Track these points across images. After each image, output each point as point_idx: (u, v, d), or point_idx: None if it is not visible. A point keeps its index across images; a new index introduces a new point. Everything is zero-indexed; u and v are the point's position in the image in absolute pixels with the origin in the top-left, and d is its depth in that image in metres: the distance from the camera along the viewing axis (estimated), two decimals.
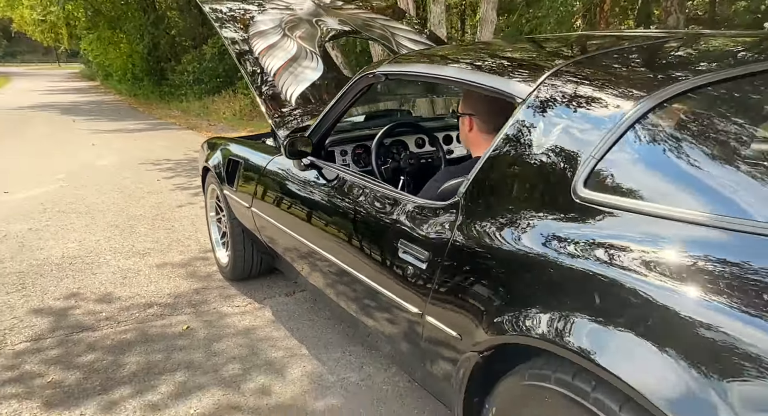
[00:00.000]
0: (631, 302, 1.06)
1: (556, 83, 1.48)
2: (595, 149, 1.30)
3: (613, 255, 1.16)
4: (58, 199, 5.48)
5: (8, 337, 2.79)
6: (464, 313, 1.44)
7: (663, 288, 1.03)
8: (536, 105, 1.47)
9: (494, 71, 1.70)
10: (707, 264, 1.02)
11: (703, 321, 0.96)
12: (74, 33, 24.79)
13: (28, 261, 3.80)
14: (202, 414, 2.19)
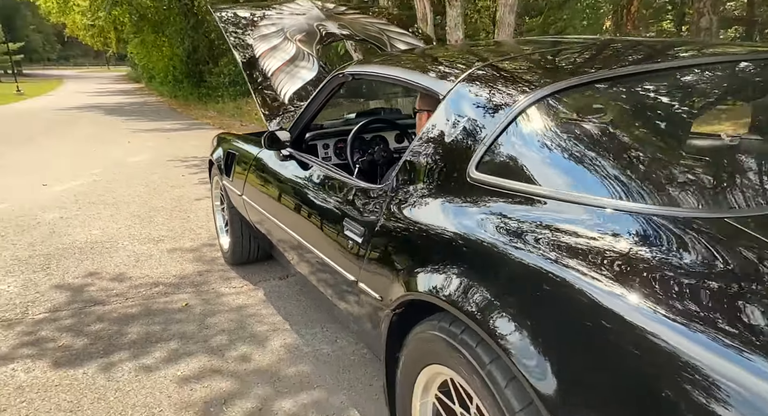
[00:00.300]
0: (504, 266, 1.26)
1: (468, 83, 1.69)
2: (486, 138, 1.51)
3: (494, 227, 1.36)
4: (90, 192, 5.90)
5: (30, 309, 3.14)
6: (384, 278, 1.67)
7: (531, 254, 1.22)
8: (451, 101, 1.70)
9: (427, 72, 1.92)
10: (568, 235, 1.21)
11: (557, 279, 1.13)
12: (121, 37, 25.82)
13: (55, 245, 4.18)
14: (188, 375, 2.47)
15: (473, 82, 1.69)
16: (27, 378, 2.48)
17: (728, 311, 0.93)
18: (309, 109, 2.58)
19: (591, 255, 1.13)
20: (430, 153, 1.69)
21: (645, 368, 0.92)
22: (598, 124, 1.44)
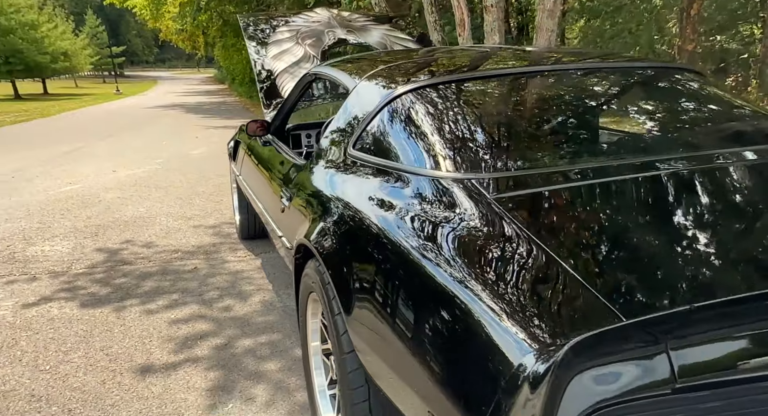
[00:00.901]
0: (351, 222, 1.69)
1: (366, 81, 2.14)
2: (361, 123, 1.95)
3: (354, 192, 1.80)
4: (148, 178, 6.72)
5: (74, 265, 3.83)
6: (292, 232, 2.13)
7: (369, 212, 1.62)
8: (353, 95, 2.15)
9: (349, 73, 2.37)
10: (399, 199, 1.60)
11: (380, 230, 1.51)
12: (208, 41, 27.57)
13: (107, 218, 4.93)
14: (179, 318, 3.04)
15: (369, 80, 2.13)
16: (58, 313, 3.13)
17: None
18: (287, 102, 3.09)
19: (407, 214, 1.51)
20: (331, 135, 2.15)
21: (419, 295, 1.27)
22: (438, 115, 1.85)
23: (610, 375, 0.96)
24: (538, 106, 2.01)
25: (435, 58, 2.42)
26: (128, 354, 2.69)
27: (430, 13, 8.93)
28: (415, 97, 1.90)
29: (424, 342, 1.22)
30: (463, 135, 1.75)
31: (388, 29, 4.69)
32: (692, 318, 1.00)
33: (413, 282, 1.32)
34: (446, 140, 1.72)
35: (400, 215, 1.52)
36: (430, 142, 1.72)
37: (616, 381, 0.96)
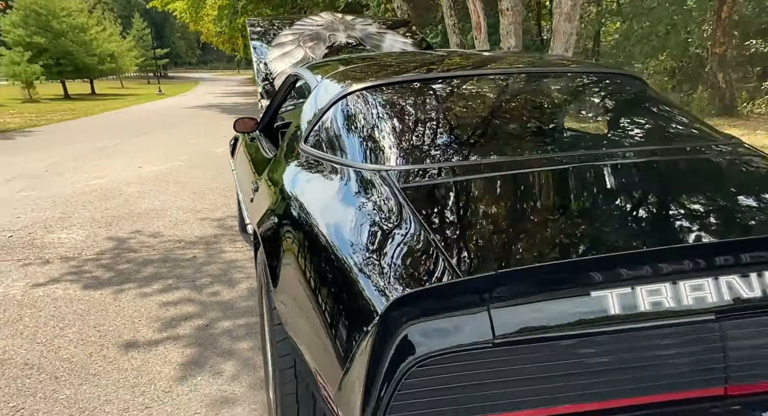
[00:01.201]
0: (289, 207, 1.87)
1: (326, 80, 2.31)
2: (312, 121, 2.13)
3: (300, 183, 1.98)
4: (170, 173, 7.05)
5: (84, 251, 4.12)
6: (256, 217, 2.32)
7: (308, 199, 1.79)
8: (312, 94, 2.32)
9: (314, 73, 2.55)
10: (332, 188, 1.77)
11: (309, 212, 1.71)
12: (247, 43, 28.23)
13: (123, 210, 5.24)
14: (169, 301, 3.27)
15: (329, 80, 2.30)
16: (62, 293, 3.40)
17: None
18: (274, 101, 3.29)
19: (330, 200, 1.69)
20: (292, 130, 2.33)
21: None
22: (371, 115, 2.01)
23: (436, 329, 1.12)
24: (464, 107, 2.15)
25: (393, 61, 2.58)
26: (117, 332, 2.92)
27: (449, 16, 9.06)
28: (355, 99, 2.07)
29: (312, 306, 1.41)
30: (388, 133, 1.91)
31: (389, 33, 4.85)
32: (512, 282, 1.15)
33: (318, 256, 1.50)
34: (373, 137, 1.89)
35: (323, 201, 1.71)
36: (361, 139, 1.90)
37: (442, 334, 1.11)
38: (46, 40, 31.40)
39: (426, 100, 2.14)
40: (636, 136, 2.07)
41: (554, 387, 1.17)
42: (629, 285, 1.19)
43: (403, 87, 2.15)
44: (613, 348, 1.18)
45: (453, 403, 1.14)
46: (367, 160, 1.78)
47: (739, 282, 1.22)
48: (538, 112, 2.16)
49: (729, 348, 1.21)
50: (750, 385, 1.23)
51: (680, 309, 1.19)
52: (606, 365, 1.18)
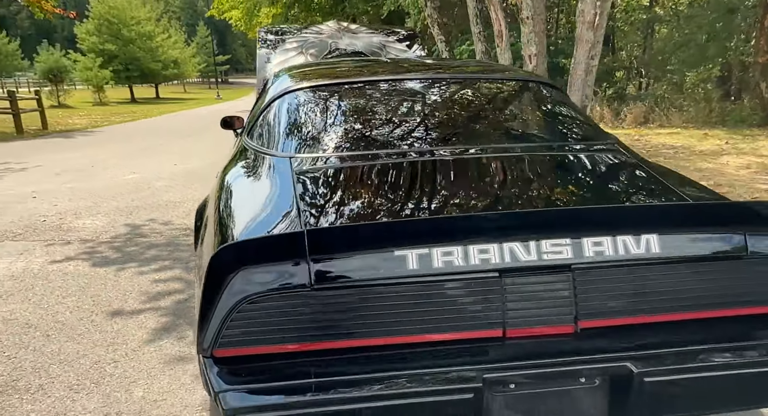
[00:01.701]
0: (225, 196, 2.20)
1: (277, 81, 2.64)
2: (254, 115, 2.46)
3: (236, 166, 2.31)
4: (199, 171, 7.57)
5: (101, 235, 4.61)
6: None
7: (228, 180, 2.16)
8: (266, 92, 2.65)
9: (275, 77, 2.88)
10: (250, 171, 2.13)
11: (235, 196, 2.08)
12: None
13: (146, 202, 5.74)
14: (160, 279, 3.67)
15: (278, 82, 2.63)
16: (73, 269, 3.86)
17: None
18: (257, 104, 3.64)
19: (241, 180, 2.04)
20: (245, 126, 2.67)
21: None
22: (292, 112, 2.33)
23: (265, 273, 1.41)
24: (368, 107, 2.43)
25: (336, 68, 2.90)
26: (109, 302, 3.33)
27: (474, 24, 9.26)
28: (286, 98, 2.41)
29: (198, 261, 1.75)
30: (301, 128, 2.23)
31: (391, 44, 5.13)
32: (328, 239, 1.44)
33: (210, 221, 1.85)
34: (289, 131, 2.22)
35: (238, 181, 2.06)
36: (280, 132, 2.23)
37: (269, 278, 1.41)
38: (117, 47, 33.35)
39: (340, 101, 2.44)
40: (517, 133, 2.31)
41: (362, 324, 1.45)
42: (427, 246, 1.46)
43: (323, 89, 2.45)
44: (412, 295, 1.46)
45: (277, 333, 1.43)
46: (278, 149, 2.11)
47: (519, 248, 1.47)
48: (437, 112, 2.41)
49: (507, 300, 1.48)
50: (523, 329, 1.49)
51: (468, 268, 1.45)
52: (405, 308, 1.46)
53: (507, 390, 1.49)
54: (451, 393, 1.43)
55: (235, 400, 1.38)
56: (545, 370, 1.48)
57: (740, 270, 1.59)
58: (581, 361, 1.50)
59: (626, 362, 1.49)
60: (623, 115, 13.79)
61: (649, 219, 1.59)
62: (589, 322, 1.54)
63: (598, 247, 1.52)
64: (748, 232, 1.58)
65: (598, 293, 1.54)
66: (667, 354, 1.53)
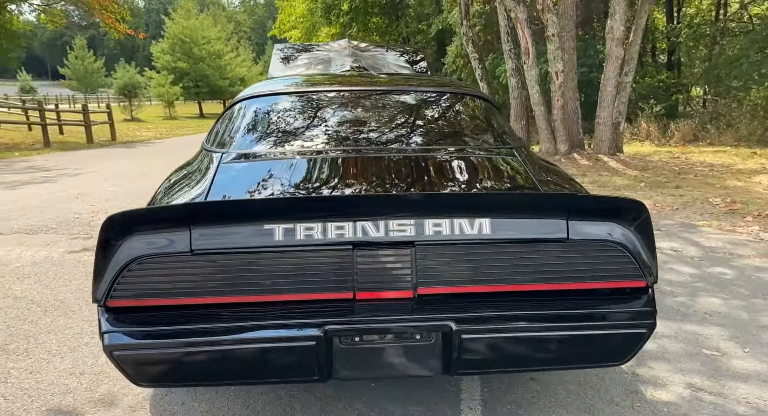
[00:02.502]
0: (169, 179, 2.55)
1: (246, 91, 2.97)
2: (218, 123, 2.79)
3: (191, 165, 2.64)
4: None
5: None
6: None
7: (182, 171, 2.50)
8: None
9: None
10: (193, 166, 2.46)
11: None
12: None
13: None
14: None
15: (247, 91, 2.96)
16: (87, 258, 4.32)
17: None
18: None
19: (182, 173, 2.38)
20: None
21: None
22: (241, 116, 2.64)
23: (152, 239, 1.70)
24: (306, 114, 2.71)
25: (304, 80, 3.21)
26: None
27: (505, 42, 9.42)
28: (235, 106, 2.73)
29: None
30: (237, 130, 2.55)
31: (389, 57, 5.40)
32: (207, 212, 1.74)
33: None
34: (227, 132, 2.55)
35: (177, 171, 2.39)
36: (224, 132, 2.56)
37: (156, 243, 1.70)
38: (188, 64, 35.31)
39: (279, 107, 2.74)
40: (424, 137, 2.55)
41: (234, 284, 1.74)
42: (292, 222, 1.73)
43: (267, 97, 2.77)
44: (277, 262, 1.74)
45: (160, 289, 1.73)
46: (215, 146, 2.44)
47: (370, 226, 1.72)
48: (358, 119, 2.67)
49: (358, 269, 1.74)
50: (370, 293, 1.75)
51: (326, 241, 1.72)
52: (270, 272, 1.74)
53: (353, 343, 1.75)
54: (298, 340, 1.70)
55: (113, 339, 1.68)
56: (386, 326, 1.73)
57: (561, 252, 1.78)
58: (416, 320, 1.74)
59: (450, 321, 1.70)
60: (671, 132, 13.47)
61: (484, 205, 1.80)
62: (426, 289, 1.77)
63: (438, 228, 1.75)
64: (570, 219, 1.78)
65: (435, 266, 1.77)
66: (485, 318, 1.74)
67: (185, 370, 1.76)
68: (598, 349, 1.84)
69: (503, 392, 2.41)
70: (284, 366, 1.75)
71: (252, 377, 1.79)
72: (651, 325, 1.81)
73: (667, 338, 2.95)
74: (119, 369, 1.73)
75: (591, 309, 1.81)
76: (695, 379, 2.52)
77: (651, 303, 1.83)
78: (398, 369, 1.82)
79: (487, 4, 13.65)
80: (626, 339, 1.81)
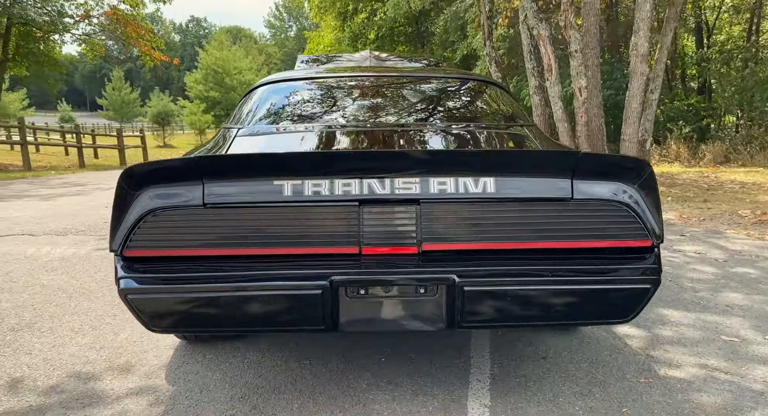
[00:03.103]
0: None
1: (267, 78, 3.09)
2: (238, 109, 2.91)
3: (214, 138, 2.75)
4: None
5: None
6: None
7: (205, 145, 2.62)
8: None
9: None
10: (217, 139, 2.57)
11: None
12: None
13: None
14: None
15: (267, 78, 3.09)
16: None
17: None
18: None
19: (211, 143, 2.49)
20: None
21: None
22: (259, 99, 2.75)
23: (167, 192, 1.78)
24: (319, 96, 2.81)
25: (322, 70, 3.32)
26: None
27: (528, 60, 9.50)
28: (257, 90, 2.84)
29: None
30: (254, 109, 2.66)
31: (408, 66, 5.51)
32: (219, 166, 1.81)
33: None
34: (244, 112, 2.67)
35: (199, 149, 2.49)
36: (240, 113, 2.68)
37: (170, 196, 1.78)
38: (220, 94, 36.32)
39: (299, 91, 2.85)
40: (438, 114, 2.63)
41: (245, 236, 1.80)
42: (300, 178, 1.79)
43: (282, 83, 2.87)
44: (286, 217, 1.80)
45: (174, 240, 1.80)
46: (234, 123, 2.55)
47: (376, 183, 1.78)
48: (373, 100, 2.75)
49: (364, 225, 1.78)
50: (375, 248, 1.79)
51: (333, 197, 1.78)
52: (279, 226, 1.80)
53: (359, 295, 1.79)
54: (304, 289, 1.75)
55: (127, 284, 1.75)
56: (390, 277, 1.77)
57: (566, 211, 1.80)
58: (420, 272, 1.77)
59: (453, 275, 1.73)
60: (701, 153, 13.29)
61: (488, 164, 1.84)
62: (430, 246, 1.80)
63: (442, 186, 1.79)
64: (575, 178, 1.80)
65: (439, 223, 1.80)
66: (488, 272, 1.76)
67: (195, 316, 1.81)
68: (601, 305, 1.84)
69: (513, 368, 2.41)
70: (291, 314, 1.79)
71: (260, 324, 1.84)
72: (655, 281, 1.80)
73: (685, 326, 2.90)
74: (133, 313, 1.80)
75: (594, 265, 1.82)
76: (711, 361, 2.48)
77: (656, 261, 1.83)
78: (403, 323, 1.84)
79: (510, 28, 13.83)
80: (630, 295, 1.81)
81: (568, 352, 2.56)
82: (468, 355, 2.52)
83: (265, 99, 2.76)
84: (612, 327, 2.85)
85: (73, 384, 2.32)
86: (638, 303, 1.82)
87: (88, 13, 16.60)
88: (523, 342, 2.66)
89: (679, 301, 3.27)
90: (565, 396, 2.17)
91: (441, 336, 2.71)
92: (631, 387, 2.23)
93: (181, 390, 2.25)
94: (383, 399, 2.15)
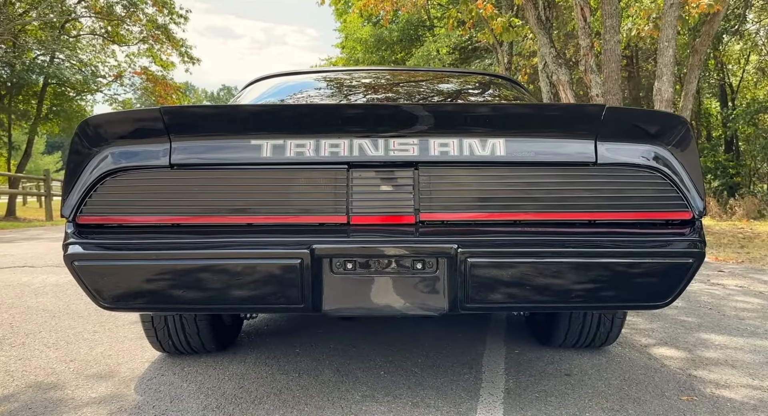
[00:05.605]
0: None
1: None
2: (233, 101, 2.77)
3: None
4: None
5: None
6: None
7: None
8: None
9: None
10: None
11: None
12: None
13: None
14: None
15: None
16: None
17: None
18: None
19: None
20: None
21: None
22: (260, 91, 2.60)
23: (129, 150, 1.57)
24: (319, 87, 2.65)
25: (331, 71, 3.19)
26: None
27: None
28: (254, 84, 2.71)
29: None
30: (247, 96, 2.50)
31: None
32: (188, 121, 1.60)
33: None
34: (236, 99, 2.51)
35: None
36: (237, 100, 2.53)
37: (133, 155, 1.57)
38: None
39: (296, 84, 2.70)
40: (445, 94, 2.44)
41: (216, 203, 1.56)
42: (281, 138, 1.58)
43: (285, 76, 2.73)
44: (264, 181, 1.57)
45: (136, 207, 1.58)
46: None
47: (367, 144, 1.55)
48: (384, 91, 2.58)
49: (353, 191, 1.54)
50: (366, 217, 1.53)
51: (319, 159, 1.55)
52: (257, 192, 1.57)
53: (346, 271, 1.53)
54: (280, 257, 1.49)
55: (75, 249, 1.52)
56: (381, 248, 1.50)
57: (588, 177, 1.54)
58: (416, 243, 1.50)
59: (454, 245, 1.46)
60: (732, 208, 12.85)
61: (498, 122, 1.60)
62: (429, 215, 1.55)
63: (444, 147, 1.55)
64: (599, 140, 1.55)
65: (440, 190, 1.56)
66: (497, 242, 1.49)
67: (153, 291, 1.56)
68: (635, 286, 1.53)
69: (532, 384, 2.07)
70: (265, 289, 1.53)
71: (227, 302, 1.56)
72: (699, 255, 1.50)
73: (732, 349, 2.53)
74: (81, 285, 1.56)
75: (624, 238, 1.53)
76: (766, 383, 2.11)
77: (698, 233, 1.54)
78: (397, 306, 1.56)
79: (530, 84, 13.88)
80: (668, 272, 1.51)
81: (596, 370, 2.21)
82: (479, 370, 2.19)
83: (259, 90, 2.61)
84: (646, 348, 2.50)
85: (29, 394, 2.05)
86: (679, 281, 1.51)
87: (120, 74, 17.18)
88: (544, 360, 2.33)
89: (722, 327, 2.91)
90: (593, 411, 1.83)
91: (448, 346, 2.39)
92: (671, 405, 1.88)
93: (148, 400, 1.96)
94: (378, 410, 1.83)
